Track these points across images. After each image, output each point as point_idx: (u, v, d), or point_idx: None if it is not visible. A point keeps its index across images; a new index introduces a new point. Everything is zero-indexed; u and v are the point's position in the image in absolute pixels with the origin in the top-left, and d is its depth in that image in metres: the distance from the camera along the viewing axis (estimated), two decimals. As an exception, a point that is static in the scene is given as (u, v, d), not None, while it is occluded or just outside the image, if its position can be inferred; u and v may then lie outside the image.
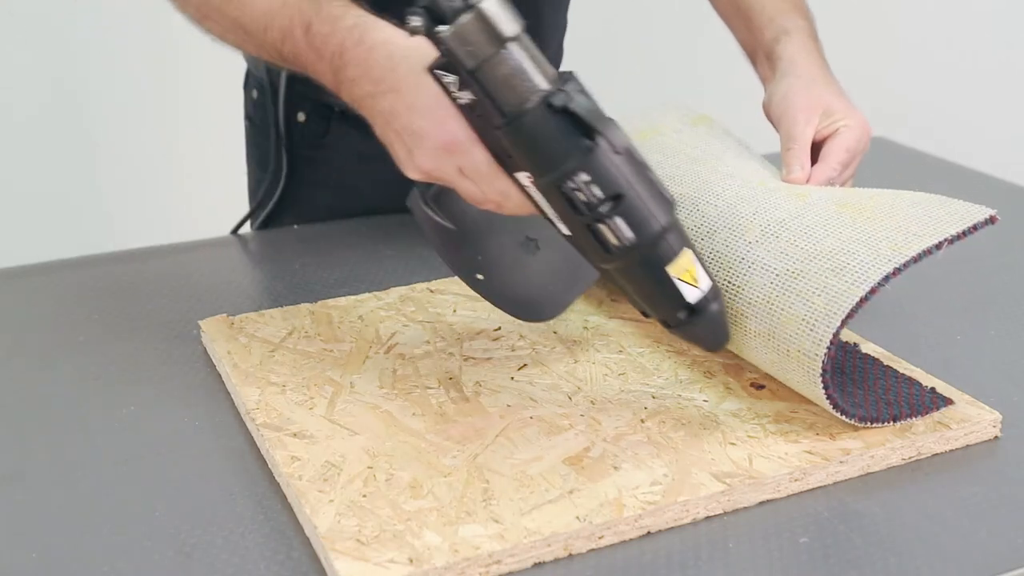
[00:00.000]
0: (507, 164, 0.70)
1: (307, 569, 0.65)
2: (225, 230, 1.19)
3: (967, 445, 0.76)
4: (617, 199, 0.67)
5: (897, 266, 0.71)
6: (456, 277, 0.83)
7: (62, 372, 0.86)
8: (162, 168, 2.32)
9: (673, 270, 0.70)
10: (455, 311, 0.92)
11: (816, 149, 0.90)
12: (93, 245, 1.17)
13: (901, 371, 0.81)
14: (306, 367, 0.84)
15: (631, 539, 0.67)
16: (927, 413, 0.76)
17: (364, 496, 0.68)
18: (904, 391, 0.78)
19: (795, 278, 0.74)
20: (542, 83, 0.66)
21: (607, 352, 0.86)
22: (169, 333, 0.92)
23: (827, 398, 0.72)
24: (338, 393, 0.80)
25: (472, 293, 0.95)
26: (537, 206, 0.71)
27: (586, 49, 1.47)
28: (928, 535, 0.67)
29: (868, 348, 0.85)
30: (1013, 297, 0.99)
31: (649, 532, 0.68)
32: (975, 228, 0.75)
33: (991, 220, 0.75)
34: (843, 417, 0.73)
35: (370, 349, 0.86)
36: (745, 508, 0.70)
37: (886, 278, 0.71)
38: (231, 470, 0.74)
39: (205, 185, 2.10)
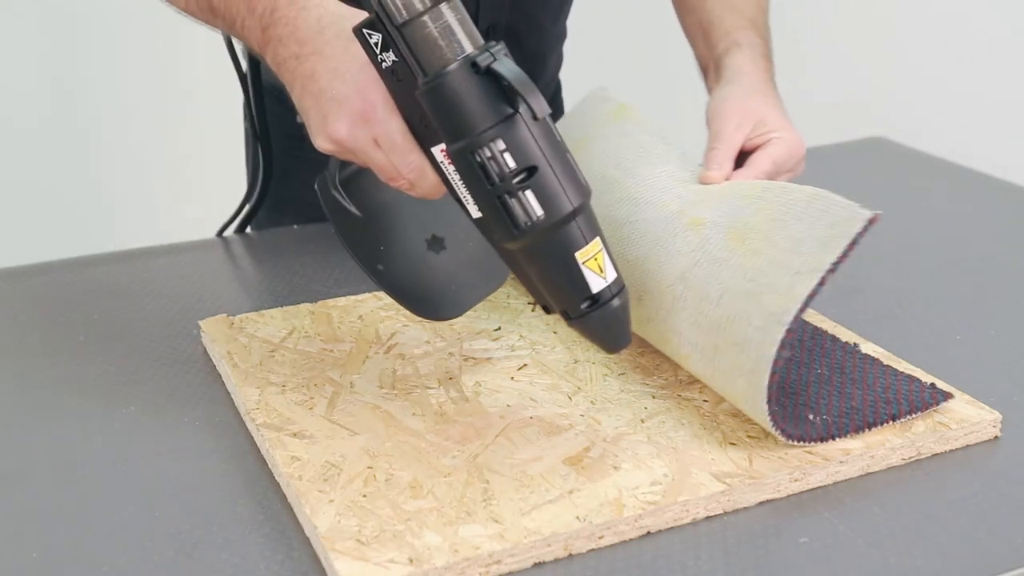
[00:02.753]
0: (424, 138, 0.69)
1: (307, 569, 0.64)
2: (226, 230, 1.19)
3: (967, 445, 0.76)
4: (530, 172, 0.66)
5: (788, 327, 0.70)
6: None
7: (62, 372, 0.86)
8: (163, 168, 2.32)
9: (581, 256, 0.68)
10: (455, 311, 0.92)
11: (746, 159, 0.90)
12: (93, 245, 1.17)
13: (901, 371, 0.81)
14: (306, 367, 0.84)
15: (631, 539, 0.67)
16: (927, 409, 0.76)
17: (364, 496, 0.68)
18: (904, 388, 0.78)
19: (715, 352, 0.75)
20: (468, 45, 0.65)
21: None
22: (169, 333, 0.92)
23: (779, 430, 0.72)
24: (338, 393, 0.80)
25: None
26: (449, 186, 0.70)
27: (586, 56, 1.47)
28: (928, 535, 0.67)
29: (868, 348, 0.85)
30: (1013, 297, 0.99)
31: (649, 532, 0.68)
32: (854, 243, 0.71)
33: (871, 222, 0.72)
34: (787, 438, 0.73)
35: (370, 349, 0.86)
36: (745, 508, 0.70)
37: (782, 344, 0.70)
38: (231, 470, 0.74)
39: (205, 186, 2.10)
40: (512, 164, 0.65)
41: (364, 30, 0.67)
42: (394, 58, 0.66)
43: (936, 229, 1.15)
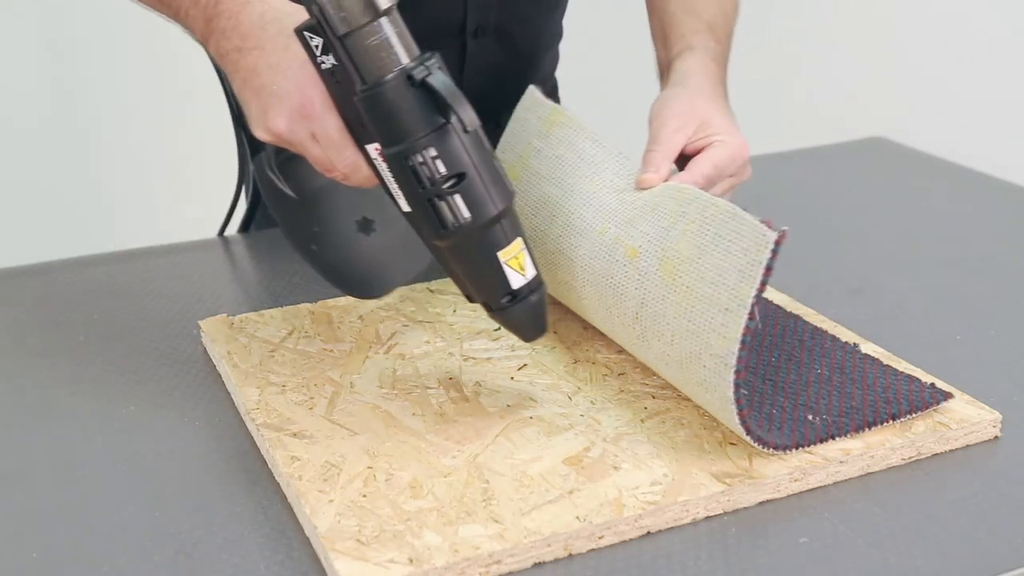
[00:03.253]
0: (359, 135, 0.72)
1: (307, 569, 0.64)
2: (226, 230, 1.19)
3: (967, 445, 0.76)
4: (459, 178, 0.70)
5: (736, 368, 0.70)
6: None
7: (62, 372, 0.86)
8: (163, 168, 2.32)
9: (503, 255, 0.73)
10: (455, 311, 0.92)
11: (688, 161, 0.88)
12: (93, 245, 1.17)
13: (901, 371, 0.81)
14: (306, 367, 0.84)
15: (631, 539, 0.67)
16: (927, 408, 0.76)
17: (364, 496, 0.68)
18: (904, 388, 0.78)
19: (687, 386, 0.75)
20: (404, 58, 0.69)
21: (607, 352, 0.86)
22: (169, 333, 0.92)
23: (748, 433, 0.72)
24: (338, 393, 0.80)
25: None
26: (381, 180, 0.73)
27: (584, 55, 1.47)
28: (928, 535, 0.67)
29: (868, 348, 0.85)
30: (1013, 297, 0.99)
31: (649, 532, 0.68)
32: (769, 269, 0.70)
33: (778, 243, 0.70)
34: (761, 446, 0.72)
35: (370, 349, 0.86)
36: (745, 508, 0.70)
37: (736, 385, 0.70)
38: (231, 470, 0.74)
39: (205, 186, 2.10)
40: (443, 170, 0.69)
41: (305, 33, 0.70)
42: (334, 62, 0.70)
43: (936, 229, 1.15)
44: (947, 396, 0.77)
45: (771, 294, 0.94)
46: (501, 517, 0.66)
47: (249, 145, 1.14)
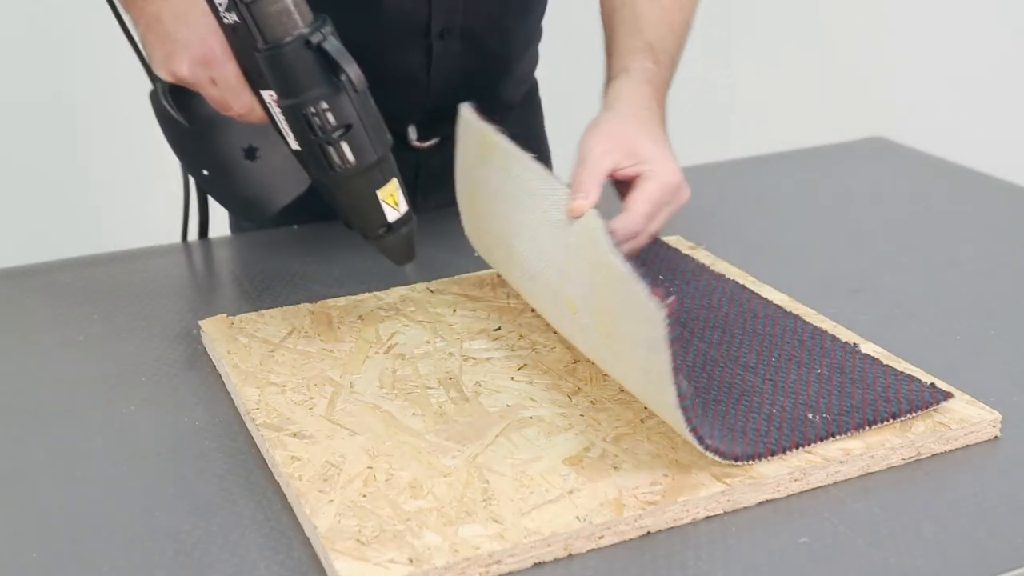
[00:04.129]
0: (256, 82, 0.81)
1: (307, 569, 0.64)
2: (225, 230, 1.19)
3: (967, 445, 0.76)
4: (347, 128, 0.81)
5: (693, 427, 0.69)
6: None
7: (62, 372, 0.86)
8: (162, 168, 2.32)
9: (381, 193, 0.84)
10: (455, 311, 0.92)
11: (623, 189, 0.88)
12: (93, 245, 1.17)
13: (901, 371, 0.81)
14: (306, 367, 0.84)
15: (631, 539, 0.67)
16: (927, 408, 0.76)
17: (364, 496, 0.68)
18: (904, 388, 0.78)
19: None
20: (301, 23, 0.78)
21: (607, 352, 0.85)
22: (169, 333, 0.92)
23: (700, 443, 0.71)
24: (338, 393, 0.80)
25: (472, 294, 0.95)
26: (273, 121, 0.83)
27: (565, 55, 1.46)
28: (928, 535, 0.67)
29: (868, 348, 0.85)
30: (1013, 297, 0.99)
31: (649, 532, 0.68)
32: (673, 340, 0.68)
33: (669, 316, 0.68)
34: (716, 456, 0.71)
35: (370, 349, 0.86)
36: (745, 508, 0.70)
37: (701, 438, 0.70)
38: (231, 470, 0.74)
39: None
40: (332, 121, 0.80)
41: None
42: (236, 20, 0.78)
43: (936, 229, 1.15)
44: (947, 396, 0.77)
45: (771, 294, 0.94)
46: (501, 517, 0.66)
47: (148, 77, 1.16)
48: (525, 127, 1.26)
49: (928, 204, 1.23)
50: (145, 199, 2.30)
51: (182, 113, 0.90)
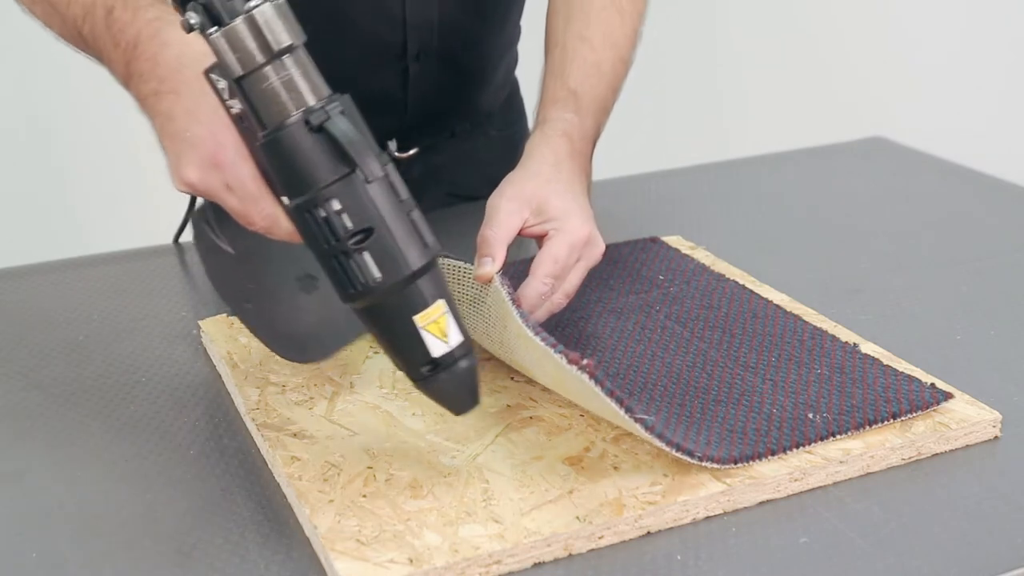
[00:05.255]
0: (273, 187, 0.67)
1: (307, 569, 0.65)
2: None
3: (967, 445, 0.76)
4: (367, 233, 0.64)
5: (679, 445, 0.69)
6: None
7: (62, 372, 0.86)
8: (162, 168, 2.32)
9: (421, 320, 0.66)
10: (455, 311, 0.92)
11: (539, 245, 0.84)
12: (94, 245, 1.17)
13: (901, 371, 0.81)
14: (306, 367, 0.83)
15: (631, 539, 0.67)
16: (927, 408, 0.76)
17: (364, 496, 0.68)
18: (904, 388, 0.78)
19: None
20: (310, 100, 0.64)
21: (607, 352, 0.85)
22: (169, 333, 0.92)
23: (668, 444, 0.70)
24: (338, 393, 0.80)
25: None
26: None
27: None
28: (928, 535, 0.67)
29: (868, 348, 0.85)
30: (1013, 297, 0.99)
31: (649, 532, 0.68)
32: (612, 393, 0.68)
33: (587, 370, 0.68)
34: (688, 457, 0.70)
35: (370, 349, 0.86)
36: (745, 508, 0.70)
37: (678, 447, 0.70)
38: (231, 470, 0.74)
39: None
40: (349, 224, 0.64)
41: (211, 75, 0.66)
42: (240, 106, 0.65)
43: (936, 229, 1.15)
44: (947, 396, 0.77)
45: (771, 294, 0.94)
46: (501, 517, 0.66)
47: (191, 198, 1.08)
48: (507, 132, 1.26)
49: (928, 204, 1.23)
50: (145, 199, 2.31)
51: (225, 236, 0.75)
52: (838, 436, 0.73)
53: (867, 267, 1.05)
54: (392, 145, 1.14)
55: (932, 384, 0.79)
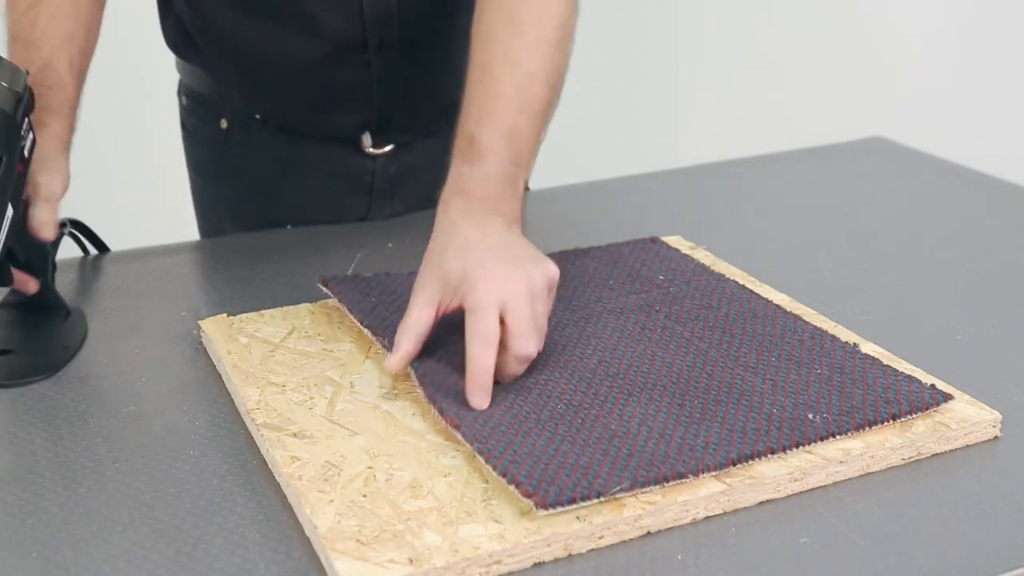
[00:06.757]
0: None
1: (307, 569, 0.65)
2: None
3: (967, 445, 0.76)
4: None
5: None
6: None
7: (62, 372, 0.86)
8: (163, 168, 2.32)
9: None
10: (455, 311, 0.92)
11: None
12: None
13: (901, 371, 0.81)
14: (306, 367, 0.84)
15: (631, 539, 0.67)
16: (927, 409, 0.76)
17: (364, 496, 0.68)
18: (904, 388, 0.78)
19: None
20: None
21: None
22: (169, 333, 0.92)
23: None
24: (338, 393, 0.80)
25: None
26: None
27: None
28: (928, 535, 0.67)
29: (868, 348, 0.85)
30: (1013, 297, 0.99)
31: (649, 532, 0.68)
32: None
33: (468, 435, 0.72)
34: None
35: (370, 349, 0.86)
36: (745, 508, 0.70)
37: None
38: (231, 470, 0.74)
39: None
40: None
41: None
42: None
43: (936, 229, 1.15)
44: (947, 397, 0.77)
45: (771, 294, 0.94)
46: (501, 517, 0.66)
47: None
48: None
49: (928, 204, 1.23)
50: (145, 199, 2.31)
51: None
52: (838, 437, 0.73)
53: (867, 267, 1.05)
54: (367, 139, 1.14)
55: (932, 385, 0.79)
